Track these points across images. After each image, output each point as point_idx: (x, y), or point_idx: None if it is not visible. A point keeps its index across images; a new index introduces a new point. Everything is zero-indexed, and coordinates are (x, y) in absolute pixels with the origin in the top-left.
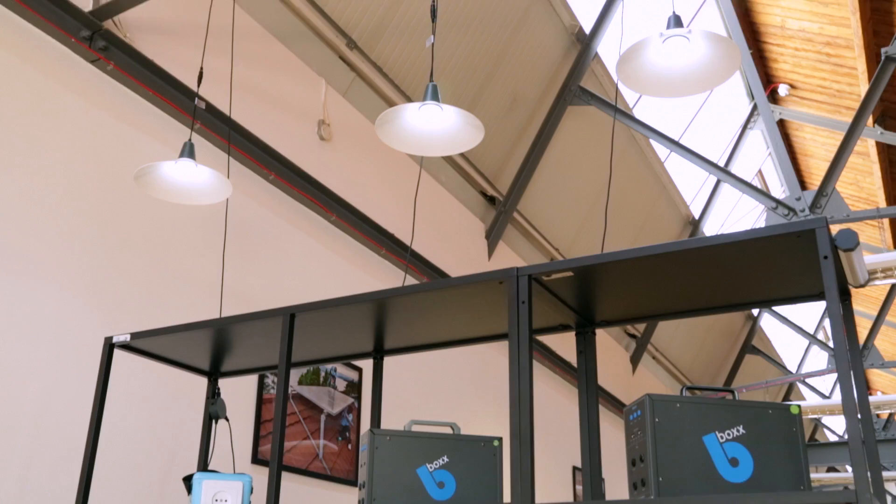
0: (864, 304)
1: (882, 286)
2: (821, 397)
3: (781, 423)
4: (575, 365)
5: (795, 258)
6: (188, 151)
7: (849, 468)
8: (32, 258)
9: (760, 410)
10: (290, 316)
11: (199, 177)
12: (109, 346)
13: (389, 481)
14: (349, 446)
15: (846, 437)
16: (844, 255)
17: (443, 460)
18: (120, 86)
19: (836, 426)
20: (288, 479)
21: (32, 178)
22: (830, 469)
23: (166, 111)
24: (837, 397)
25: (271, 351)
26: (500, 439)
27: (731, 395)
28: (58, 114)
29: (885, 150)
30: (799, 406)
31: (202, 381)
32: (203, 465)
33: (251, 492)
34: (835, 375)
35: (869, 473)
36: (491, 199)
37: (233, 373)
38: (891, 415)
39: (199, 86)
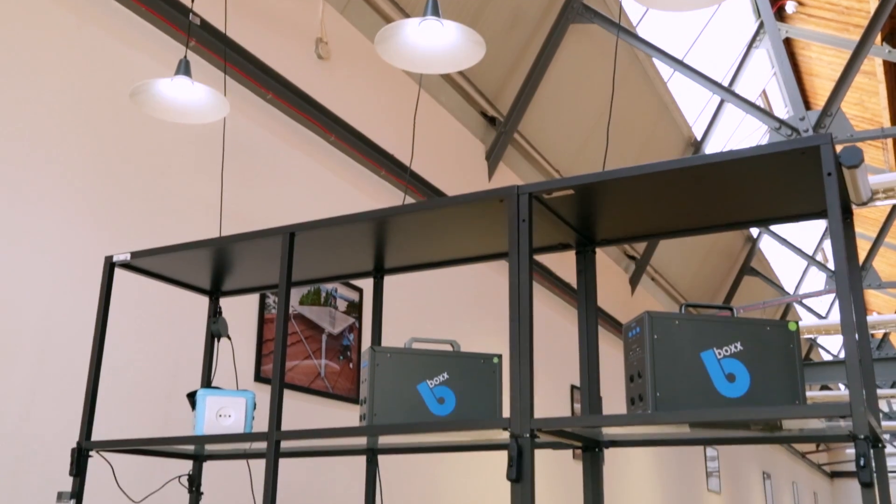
0: (864, 225)
1: (882, 207)
2: (817, 318)
3: (779, 339)
4: (574, 286)
5: (798, 176)
6: (184, 69)
7: (842, 386)
8: (29, 179)
9: (758, 327)
10: (289, 235)
11: (196, 94)
12: (110, 266)
13: (390, 397)
14: (350, 365)
15: (841, 356)
16: (848, 173)
17: (443, 377)
18: (112, 1)
19: (831, 346)
20: (290, 397)
21: (27, 97)
22: (824, 388)
23: (160, 28)
24: (834, 317)
25: (272, 270)
26: (499, 356)
27: (729, 312)
28: (50, 31)
29: (892, 69)
30: (797, 323)
31: (203, 301)
32: (206, 383)
33: (254, 407)
34: (832, 296)
35: (863, 390)
36: (491, 120)
37: (234, 292)
38: (885, 335)
39: (192, 1)
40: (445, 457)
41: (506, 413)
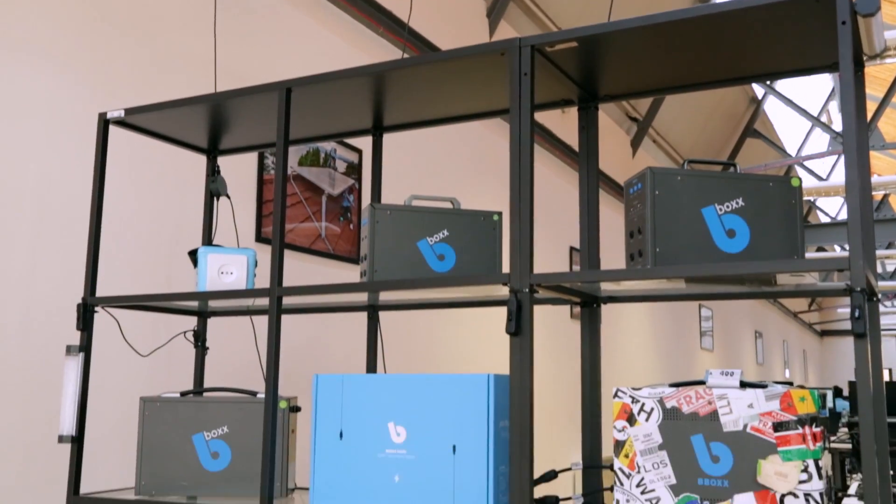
0: (871, 85)
1: (891, 68)
2: (818, 180)
3: (781, 195)
4: (575, 148)
5: (810, 26)
6: None
7: (837, 248)
8: (19, 37)
9: (761, 183)
10: (286, 90)
11: None
12: (104, 123)
13: (390, 254)
14: (350, 227)
15: (839, 218)
16: (863, 22)
17: (443, 234)
18: None
19: (829, 209)
20: (291, 257)
21: None
22: (820, 249)
23: None
24: (835, 179)
25: (269, 128)
26: (499, 213)
27: (732, 168)
28: None
29: None
30: (800, 179)
31: (202, 161)
32: (207, 242)
33: (255, 265)
34: (833, 159)
35: (862, 245)
36: None
37: (231, 150)
38: (885, 196)
39: None
40: (445, 314)
41: (505, 269)
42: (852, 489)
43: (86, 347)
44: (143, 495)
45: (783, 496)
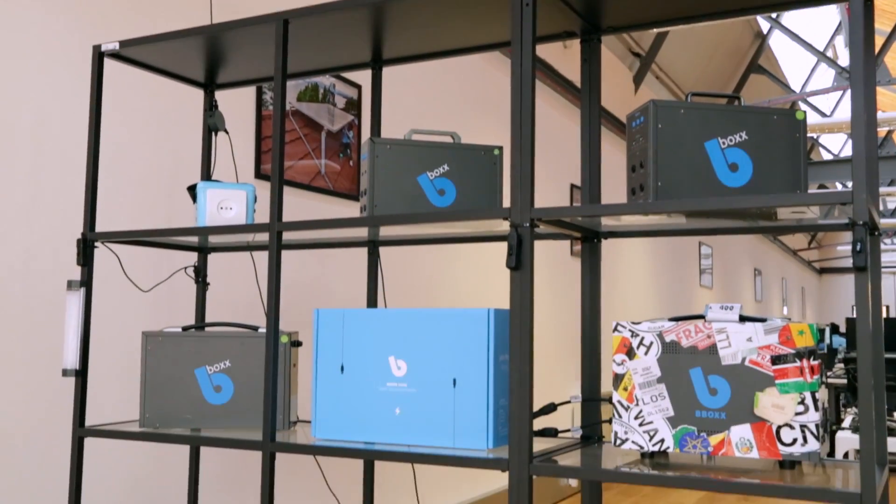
0: (879, 19)
1: None
2: (822, 116)
3: (785, 129)
4: (577, 84)
5: None
6: None
7: (839, 185)
8: None
9: (765, 116)
10: (283, 22)
11: None
12: (99, 55)
13: (390, 189)
14: (350, 164)
15: (841, 156)
16: None
17: (443, 168)
18: None
19: (832, 146)
20: (290, 194)
21: None
22: (821, 187)
23: None
24: (838, 116)
25: (267, 62)
26: (500, 148)
27: (736, 102)
28: None
29: None
30: (804, 112)
31: (199, 96)
32: (206, 177)
33: (255, 200)
34: (837, 95)
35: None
36: None
37: (229, 84)
38: (889, 133)
39: None
40: (446, 251)
41: (506, 204)
42: (846, 422)
43: (87, 282)
44: (148, 428)
45: (779, 428)
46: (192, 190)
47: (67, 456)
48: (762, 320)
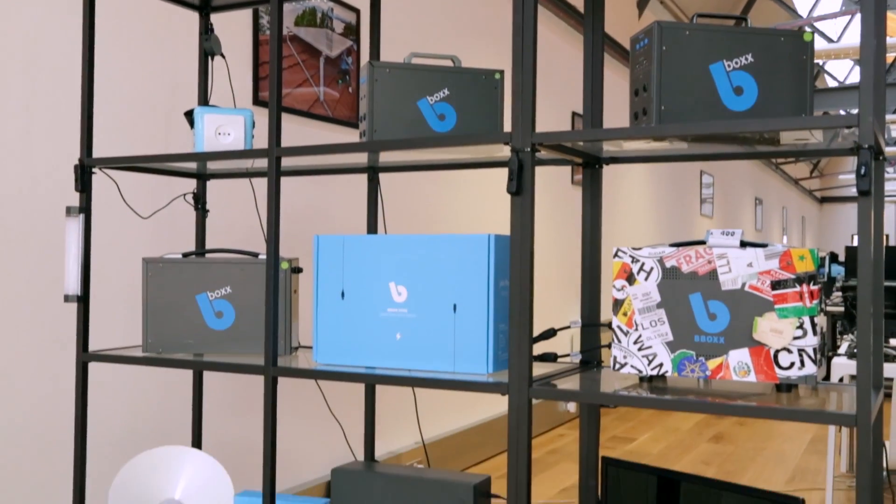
0: None
1: None
2: (828, 42)
3: (792, 50)
4: (580, 9)
5: None
6: None
7: (843, 112)
8: None
9: (772, 38)
10: None
11: None
12: None
13: (390, 113)
14: (349, 90)
15: (847, 83)
16: None
17: (443, 93)
18: None
19: (838, 73)
20: (289, 121)
21: None
22: (825, 114)
23: None
24: (846, 41)
25: None
26: (501, 72)
27: (743, 23)
28: None
29: None
30: (812, 34)
31: (195, 20)
32: (203, 103)
33: (253, 126)
34: (845, 20)
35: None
36: None
37: (224, 7)
38: None
39: None
40: (446, 179)
41: (507, 128)
42: (842, 349)
43: (85, 209)
44: (151, 352)
45: (777, 352)
46: (189, 115)
47: (72, 382)
48: (763, 246)
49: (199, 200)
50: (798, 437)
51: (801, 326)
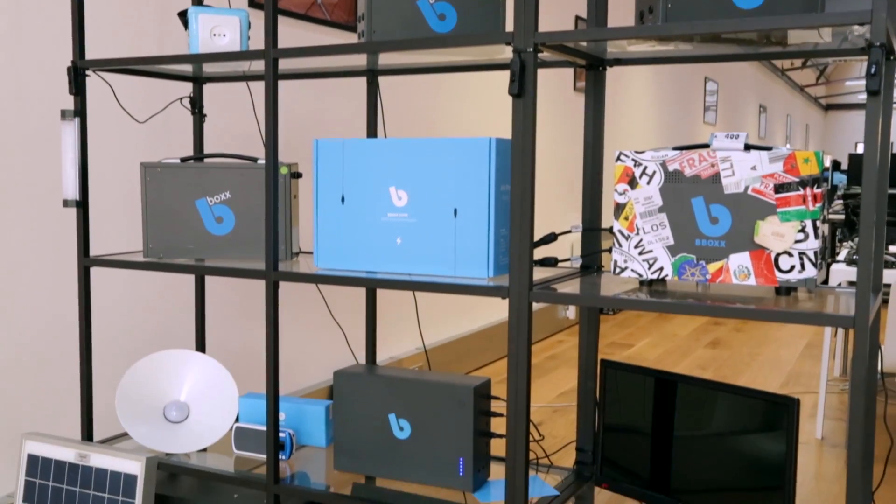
0: None
1: None
2: None
3: None
4: None
5: None
6: None
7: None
8: None
9: None
10: None
11: None
12: None
13: (389, 13)
14: None
15: None
16: None
17: None
18: None
19: None
20: (285, 24)
21: None
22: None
23: None
24: None
25: None
26: None
27: None
28: None
29: None
30: None
31: None
32: (197, 2)
33: (248, 27)
34: None
35: None
36: None
37: None
38: None
39: None
40: (447, 83)
41: (509, 28)
42: (841, 255)
43: (80, 112)
44: (152, 258)
45: (778, 255)
46: (182, 16)
47: (75, 288)
48: (767, 149)
49: (196, 105)
50: (793, 342)
51: (802, 230)
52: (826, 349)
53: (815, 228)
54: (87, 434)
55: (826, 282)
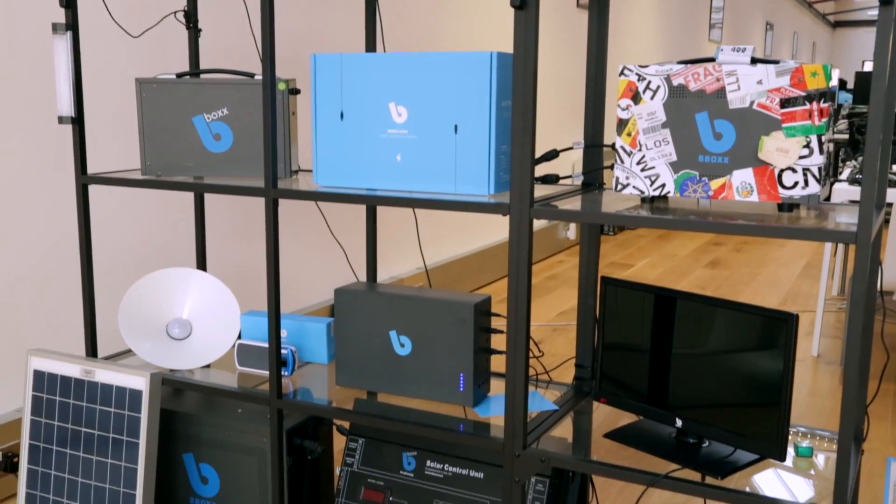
0: None
1: None
2: None
3: None
4: None
5: None
6: None
7: None
8: None
9: None
10: None
11: None
12: None
13: None
14: None
15: None
16: None
17: None
18: None
19: None
20: None
21: None
22: None
23: None
24: None
25: None
26: None
27: None
28: None
29: None
30: None
31: None
32: None
33: None
34: None
35: None
36: None
37: None
38: None
39: None
40: (446, 3)
41: None
42: (844, 175)
43: (72, 25)
44: (150, 175)
45: (781, 171)
46: None
47: (73, 206)
48: (775, 62)
49: (191, 19)
50: (793, 262)
51: (807, 145)
52: (825, 268)
53: (821, 144)
54: (92, 351)
55: (828, 200)
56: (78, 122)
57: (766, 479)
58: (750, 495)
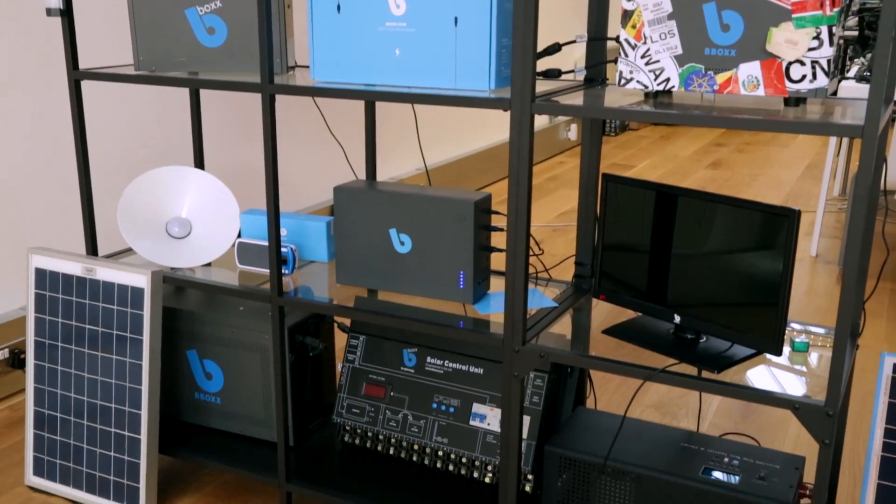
0: None
1: None
2: None
3: None
4: None
5: None
6: None
7: None
8: None
9: None
10: None
11: None
12: None
13: None
14: None
15: None
16: None
17: None
18: None
19: None
20: None
21: None
22: None
23: None
24: None
25: None
26: None
27: None
28: None
29: None
30: None
31: None
32: None
33: None
34: None
35: None
36: None
37: None
38: None
39: None
40: None
41: None
42: (851, 72)
43: None
44: (143, 70)
45: (789, 64)
46: None
47: (67, 102)
48: None
49: None
50: (795, 163)
51: (817, 37)
52: (827, 168)
53: (831, 35)
54: (92, 249)
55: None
56: (67, 14)
57: (762, 374)
58: (745, 388)
